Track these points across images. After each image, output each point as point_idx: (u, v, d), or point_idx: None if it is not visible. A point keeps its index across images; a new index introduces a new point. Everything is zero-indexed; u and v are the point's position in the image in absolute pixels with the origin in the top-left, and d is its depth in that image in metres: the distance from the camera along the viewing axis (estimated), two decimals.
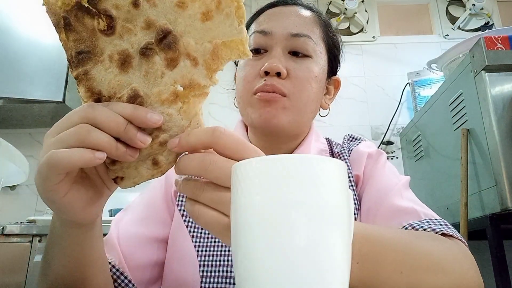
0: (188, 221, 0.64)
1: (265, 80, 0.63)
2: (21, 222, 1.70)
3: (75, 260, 0.45)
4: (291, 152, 0.70)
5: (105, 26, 0.33)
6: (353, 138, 0.78)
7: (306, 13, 0.71)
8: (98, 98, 0.35)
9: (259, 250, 0.28)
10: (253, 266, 0.28)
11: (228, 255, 0.60)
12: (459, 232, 1.23)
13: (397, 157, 2.14)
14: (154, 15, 0.34)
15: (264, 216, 0.28)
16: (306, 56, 0.66)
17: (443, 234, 0.54)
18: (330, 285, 0.28)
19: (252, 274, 0.28)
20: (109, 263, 0.57)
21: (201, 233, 0.63)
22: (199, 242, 0.62)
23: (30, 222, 1.65)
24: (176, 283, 0.61)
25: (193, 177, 0.37)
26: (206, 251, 0.61)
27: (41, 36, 2.01)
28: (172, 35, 0.34)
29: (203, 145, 0.35)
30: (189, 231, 0.63)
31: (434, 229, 0.54)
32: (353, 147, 0.73)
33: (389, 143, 2.18)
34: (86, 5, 0.33)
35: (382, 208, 0.60)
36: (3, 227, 1.53)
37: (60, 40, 0.34)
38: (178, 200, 0.67)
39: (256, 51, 0.67)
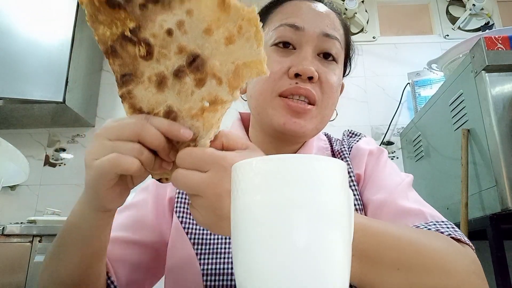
0: (188, 228, 0.62)
1: (296, 83, 0.59)
2: (21, 223, 1.70)
3: (90, 247, 0.48)
4: (294, 153, 0.69)
5: (145, 52, 0.39)
6: (353, 134, 0.76)
7: (332, 13, 0.67)
8: (139, 113, 0.41)
9: (259, 250, 0.28)
10: (253, 266, 0.28)
11: (226, 251, 0.59)
12: None
13: (397, 157, 2.14)
14: (185, 41, 0.39)
15: (264, 216, 0.28)
16: (333, 59, 0.64)
17: (451, 238, 0.52)
18: (330, 285, 0.28)
19: (252, 274, 0.28)
20: None
21: (202, 239, 0.61)
22: (201, 249, 0.60)
23: (30, 223, 1.64)
24: (182, 281, 0.60)
25: None
26: (208, 258, 0.59)
27: (41, 36, 2.01)
28: (200, 59, 0.39)
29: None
30: (190, 238, 0.61)
31: (442, 232, 0.52)
32: (353, 143, 0.71)
33: (389, 143, 2.17)
34: (129, 35, 0.39)
35: (386, 208, 0.59)
36: (3, 228, 1.53)
37: (109, 64, 0.41)
38: (176, 207, 0.65)
39: (284, 46, 0.62)
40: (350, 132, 0.77)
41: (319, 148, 0.72)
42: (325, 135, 0.77)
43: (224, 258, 0.59)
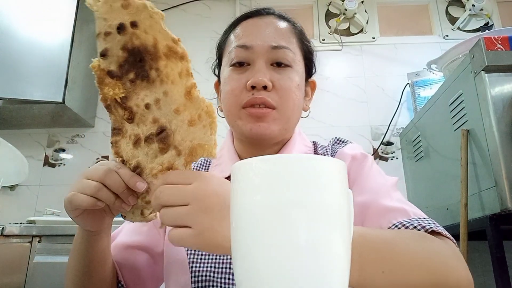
0: None
1: (253, 94, 0.67)
2: (21, 223, 1.70)
3: (86, 258, 0.58)
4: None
5: (128, 117, 0.48)
6: (339, 141, 0.79)
7: (282, 24, 0.74)
8: (122, 160, 0.50)
9: (259, 250, 0.28)
10: (253, 266, 0.28)
11: (218, 261, 0.63)
12: (459, 233, 1.23)
13: (397, 158, 2.14)
14: (159, 115, 0.47)
15: (264, 216, 0.28)
16: (287, 66, 0.70)
17: (432, 232, 0.55)
18: (330, 285, 0.28)
19: (252, 274, 0.28)
20: None
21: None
22: (191, 250, 0.66)
23: (29, 223, 1.64)
24: (175, 281, 0.65)
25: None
26: (196, 258, 0.65)
27: (41, 36, 2.01)
28: (165, 132, 0.47)
29: (157, 209, 0.48)
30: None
31: (424, 226, 0.55)
32: (338, 149, 0.74)
33: (389, 143, 2.18)
34: (120, 101, 0.47)
35: (371, 209, 0.61)
36: (2, 228, 1.52)
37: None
38: None
39: (240, 64, 0.70)
40: (337, 139, 0.80)
41: (301, 152, 0.74)
42: (313, 142, 0.81)
43: (210, 257, 0.64)
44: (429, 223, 0.57)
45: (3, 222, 1.66)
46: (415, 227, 0.55)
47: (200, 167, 0.79)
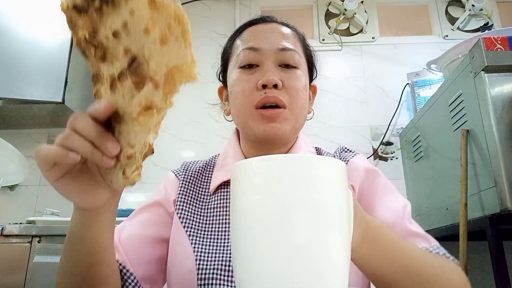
0: (185, 223, 0.70)
1: (265, 93, 0.68)
2: (21, 223, 1.69)
3: (84, 246, 0.50)
4: None
5: (101, 55, 0.40)
6: (346, 149, 0.81)
7: (286, 30, 0.77)
8: None
9: (259, 250, 0.28)
10: (253, 266, 0.28)
11: (223, 249, 0.65)
12: (458, 232, 1.23)
13: (396, 158, 2.14)
14: (129, 43, 0.38)
15: (264, 216, 0.28)
16: (294, 67, 0.72)
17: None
18: (330, 285, 0.28)
19: (252, 274, 0.28)
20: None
21: (197, 231, 0.69)
22: (195, 240, 0.67)
23: (29, 223, 1.64)
24: (177, 276, 0.65)
25: None
26: (201, 245, 0.66)
27: (41, 36, 2.00)
28: (136, 61, 0.38)
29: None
30: (186, 231, 0.69)
31: (437, 252, 0.62)
32: (349, 158, 0.76)
33: (389, 143, 2.18)
34: (89, 38, 0.40)
35: (396, 228, 0.64)
36: (2, 228, 1.52)
37: None
38: (176, 205, 0.72)
39: (249, 66, 0.72)
40: (344, 148, 0.82)
41: None
42: (316, 148, 0.83)
43: (216, 244, 0.66)
44: (444, 251, 0.63)
45: (3, 222, 1.65)
46: (437, 253, 0.61)
47: (204, 169, 0.80)
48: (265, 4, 2.53)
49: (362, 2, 2.46)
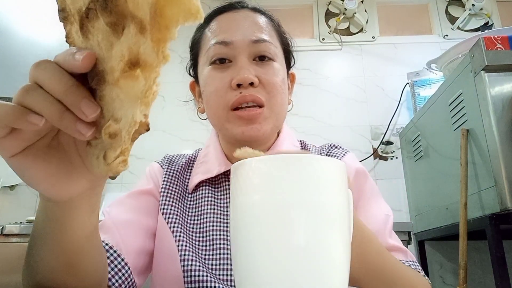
0: (168, 219, 0.66)
1: (241, 93, 0.63)
2: (21, 222, 1.69)
3: (56, 243, 0.40)
4: None
5: None
6: (337, 146, 0.78)
7: (260, 17, 0.71)
8: None
9: (258, 250, 0.28)
10: (253, 266, 0.28)
11: (204, 248, 0.63)
12: (458, 232, 1.23)
13: (396, 157, 2.14)
14: None
15: (264, 216, 0.28)
16: (270, 60, 0.67)
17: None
18: (329, 285, 0.28)
19: (252, 274, 0.28)
20: (106, 244, 0.57)
21: (180, 229, 0.65)
22: (179, 237, 0.63)
23: (29, 222, 1.64)
24: (165, 277, 0.63)
25: None
26: (185, 245, 0.62)
27: (41, 36, 2.00)
28: None
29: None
30: (170, 227, 0.65)
31: (417, 268, 0.63)
32: (340, 156, 0.73)
33: (389, 143, 2.18)
34: None
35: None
36: (2, 227, 1.52)
37: None
38: (161, 200, 0.68)
39: (220, 62, 0.66)
40: (333, 144, 0.79)
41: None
42: (300, 142, 0.79)
43: (199, 243, 0.63)
44: (418, 267, 0.64)
45: (3, 222, 1.65)
46: (409, 266, 0.62)
47: (187, 165, 0.75)
48: (264, 4, 2.52)
49: (362, 1, 2.45)
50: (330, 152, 0.75)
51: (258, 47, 0.66)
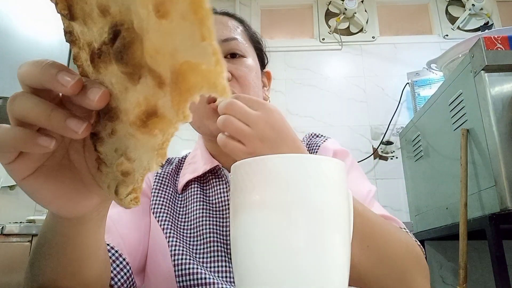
0: (159, 217, 0.66)
1: None
2: (21, 222, 1.70)
3: (63, 254, 0.41)
4: None
5: (64, 8, 0.26)
6: (317, 135, 0.81)
7: (225, 19, 0.74)
8: None
9: (258, 250, 0.28)
10: (253, 266, 0.28)
11: (195, 243, 0.63)
12: (458, 231, 1.23)
13: (396, 157, 2.14)
14: None
15: (264, 216, 0.28)
16: (241, 56, 0.70)
17: None
18: (330, 284, 0.28)
19: (252, 274, 0.28)
20: (108, 244, 0.57)
21: (170, 226, 0.65)
22: (169, 233, 0.64)
23: (29, 222, 1.64)
24: (157, 274, 0.63)
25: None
26: (175, 241, 0.63)
27: (41, 36, 2.01)
28: (122, 36, 0.23)
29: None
30: (160, 225, 0.65)
31: (405, 229, 0.62)
32: (320, 143, 0.76)
33: (389, 143, 2.18)
34: None
35: None
36: (2, 227, 1.52)
37: None
38: (152, 201, 0.69)
39: None
40: (313, 133, 0.81)
41: None
42: None
43: (189, 238, 0.64)
44: (407, 231, 0.62)
45: (3, 221, 1.66)
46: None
47: (174, 167, 0.76)
48: (265, 4, 2.53)
49: (362, 1, 2.45)
50: (311, 141, 0.78)
51: (228, 45, 0.69)
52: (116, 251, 0.58)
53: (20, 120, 0.28)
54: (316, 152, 0.74)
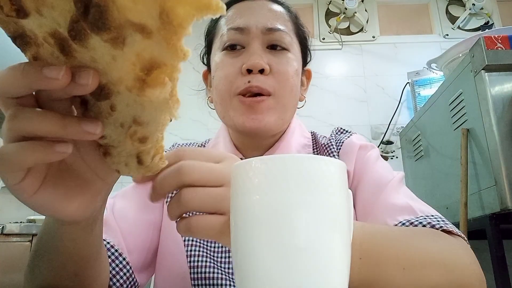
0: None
1: (249, 81, 0.61)
2: (21, 222, 1.70)
3: (68, 257, 0.41)
4: (271, 147, 0.69)
5: (11, 9, 0.24)
6: (343, 130, 0.77)
7: (277, 7, 0.69)
8: None
9: (259, 251, 0.28)
10: (253, 266, 0.28)
11: (217, 255, 0.60)
12: None
13: (396, 157, 2.14)
14: None
15: (264, 217, 0.28)
16: (284, 49, 0.65)
17: (443, 230, 0.52)
18: (330, 285, 0.28)
19: (252, 274, 0.28)
20: (108, 243, 0.56)
21: None
22: (188, 241, 0.61)
23: (30, 222, 1.65)
24: (169, 274, 0.61)
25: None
26: (191, 240, 0.61)
27: None
28: (95, 4, 0.22)
29: (172, 187, 0.35)
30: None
31: (433, 225, 0.52)
32: (344, 139, 0.72)
33: (389, 142, 2.18)
34: None
35: (377, 205, 0.59)
36: (2, 227, 1.53)
37: None
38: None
39: (232, 48, 0.65)
40: (340, 129, 0.78)
41: (299, 144, 0.71)
42: (311, 133, 0.78)
43: (212, 256, 0.61)
44: (438, 222, 0.53)
45: (3, 221, 1.66)
46: (424, 225, 0.52)
47: None
48: None
49: (362, 1, 2.45)
50: (336, 138, 0.74)
51: (273, 36, 0.65)
52: (116, 250, 0.57)
53: (29, 135, 0.27)
54: (340, 149, 0.71)
